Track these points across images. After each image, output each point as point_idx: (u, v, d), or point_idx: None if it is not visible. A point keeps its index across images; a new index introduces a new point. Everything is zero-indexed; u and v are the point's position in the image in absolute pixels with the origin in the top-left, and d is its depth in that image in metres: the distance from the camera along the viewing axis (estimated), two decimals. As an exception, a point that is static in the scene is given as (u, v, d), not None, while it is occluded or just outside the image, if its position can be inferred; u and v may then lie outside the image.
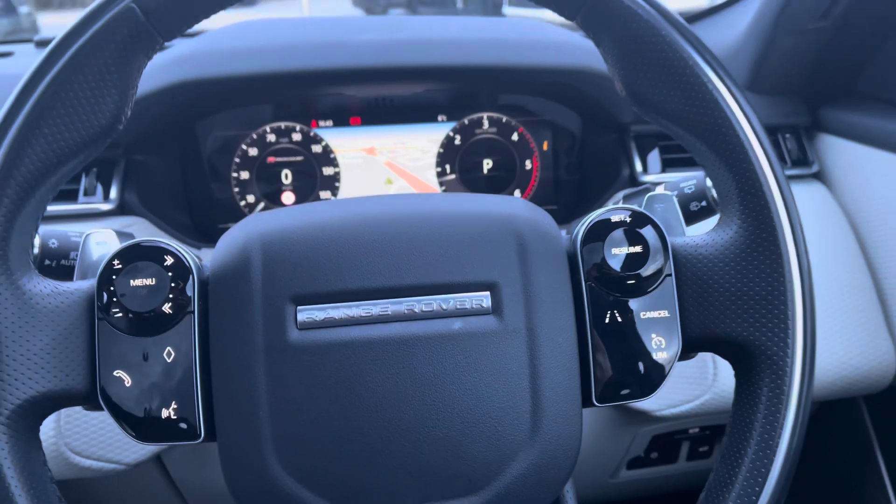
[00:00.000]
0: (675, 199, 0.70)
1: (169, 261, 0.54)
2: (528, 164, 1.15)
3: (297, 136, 1.10)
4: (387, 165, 1.12)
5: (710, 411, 0.94)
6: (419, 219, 0.55)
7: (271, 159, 1.09)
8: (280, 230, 0.54)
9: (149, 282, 0.53)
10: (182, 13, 0.55)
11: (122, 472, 0.86)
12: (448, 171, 1.13)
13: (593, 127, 1.13)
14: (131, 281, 0.53)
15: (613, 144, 1.10)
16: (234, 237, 0.56)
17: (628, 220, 0.57)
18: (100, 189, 0.99)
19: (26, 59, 1.27)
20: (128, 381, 0.53)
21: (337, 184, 1.11)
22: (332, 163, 1.11)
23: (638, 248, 0.55)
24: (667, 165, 1.07)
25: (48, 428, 0.84)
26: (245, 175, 1.10)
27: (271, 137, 1.10)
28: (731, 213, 0.55)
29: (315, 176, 1.11)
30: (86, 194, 0.99)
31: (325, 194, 1.13)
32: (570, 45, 1.01)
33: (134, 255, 0.53)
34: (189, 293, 0.53)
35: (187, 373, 0.52)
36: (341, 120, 1.10)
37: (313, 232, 0.54)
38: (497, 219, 0.55)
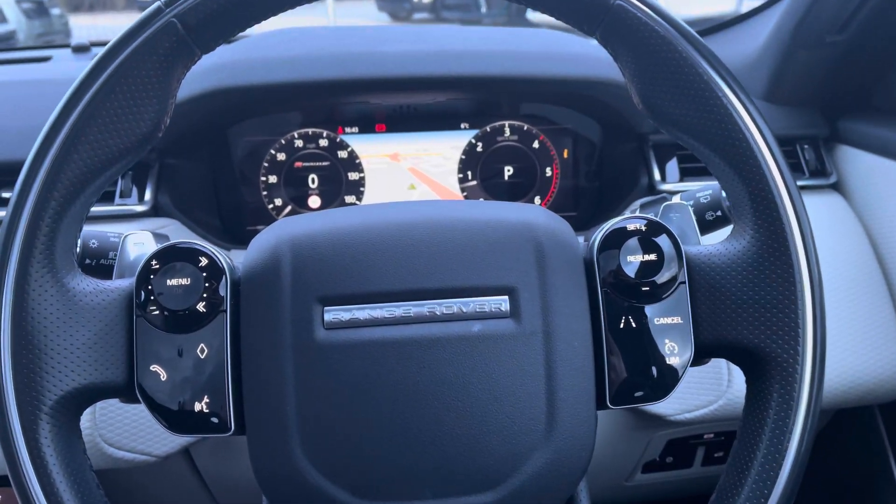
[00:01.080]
0: (691, 209, 0.72)
1: (203, 262, 0.57)
2: (549, 172, 1.17)
3: (323, 142, 1.12)
4: (410, 171, 1.14)
5: (725, 417, 0.95)
6: (441, 225, 0.56)
7: (298, 164, 1.11)
8: (309, 234, 0.56)
9: (184, 282, 0.56)
10: (220, 28, 0.57)
11: (152, 464, 0.90)
12: (470, 177, 1.14)
13: (613, 136, 1.14)
14: (168, 280, 0.55)
15: (632, 153, 1.11)
16: (266, 240, 0.57)
17: (644, 228, 0.58)
18: (135, 191, 1.03)
19: (65, 65, 1.31)
20: (163, 376, 0.55)
21: (362, 188, 1.13)
22: (358, 168, 1.13)
23: (653, 257, 0.57)
24: (685, 174, 1.08)
25: (84, 420, 0.88)
26: (273, 179, 1.13)
27: (299, 143, 1.11)
28: (744, 224, 0.56)
29: (341, 181, 1.12)
30: (122, 196, 1.02)
31: (350, 199, 1.16)
32: (590, 56, 1.03)
33: (171, 256, 0.56)
34: (222, 293, 0.55)
35: (219, 369, 0.54)
36: (367, 127, 1.11)
37: (340, 236, 0.55)
38: (516, 226, 0.57)
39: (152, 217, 1.03)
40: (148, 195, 1.03)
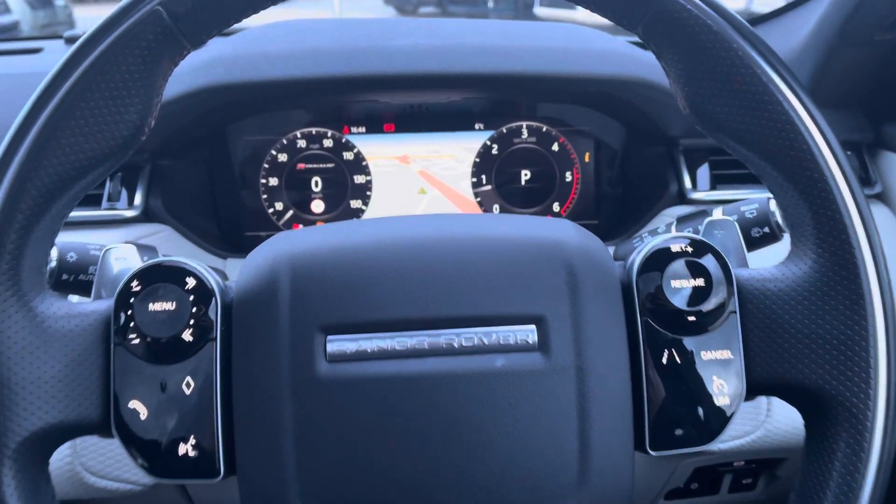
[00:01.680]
0: (737, 226, 0.65)
1: (191, 283, 0.51)
2: (569, 176, 1.10)
3: (328, 143, 1.06)
4: (420, 174, 1.08)
5: (761, 449, 0.88)
6: (460, 244, 0.52)
7: (301, 166, 1.06)
8: (311, 252, 0.51)
9: (168, 306, 0.50)
10: (211, 18, 0.51)
11: (139, 493, 0.83)
12: (484, 181, 1.08)
13: (639, 139, 1.07)
14: (150, 304, 0.50)
15: (660, 158, 1.04)
16: (262, 258, 0.53)
17: (689, 249, 0.53)
18: (124, 194, 0.96)
19: (56, 57, 1.24)
20: (143, 413, 0.50)
21: (368, 192, 1.08)
22: (364, 171, 1.07)
23: (699, 282, 0.52)
24: (717, 182, 1.01)
25: (63, 446, 0.81)
26: (274, 182, 1.07)
27: (302, 143, 1.06)
28: (805, 246, 0.51)
29: (346, 184, 1.07)
30: (109, 199, 0.95)
31: (355, 203, 1.10)
32: (616, 53, 0.95)
33: (153, 277, 0.51)
34: (211, 318, 0.50)
35: (207, 405, 0.50)
36: (374, 126, 1.06)
37: (346, 255, 0.51)
38: (545, 245, 0.52)
39: (143, 223, 0.96)
40: (138, 199, 0.96)
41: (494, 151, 1.07)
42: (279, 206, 1.09)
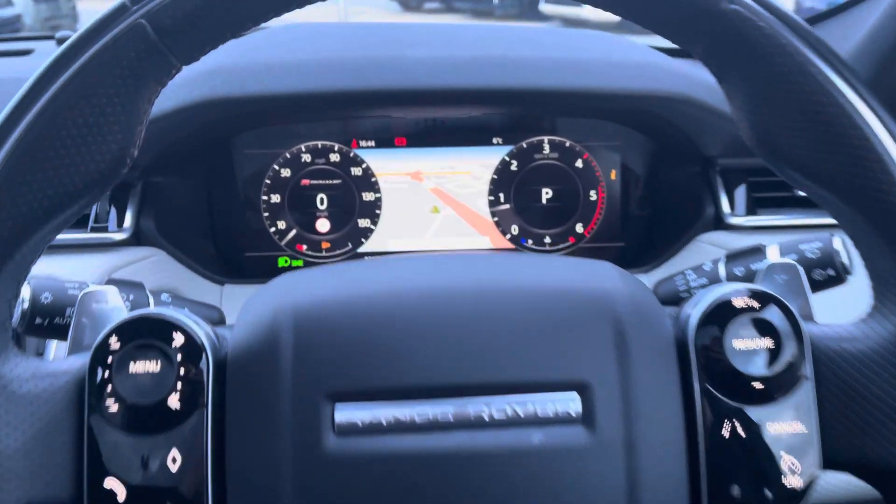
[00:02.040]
0: (803, 271, 0.57)
1: (178, 340, 0.45)
2: (593, 195, 1.03)
3: (334, 157, 1.00)
4: (433, 192, 1.03)
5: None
6: (490, 294, 0.47)
7: (305, 182, 1.00)
8: (317, 303, 0.46)
9: (152, 367, 0.45)
10: (206, 32, 0.45)
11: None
12: (502, 199, 1.02)
13: (671, 157, 1.00)
14: (130, 365, 0.45)
15: (695, 178, 0.97)
16: (260, 309, 0.48)
17: (754, 304, 0.47)
18: (113, 215, 0.89)
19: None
20: (121, 493, 0.43)
21: (378, 211, 1.02)
22: (373, 187, 1.01)
23: (767, 342, 0.46)
24: (758, 205, 0.93)
25: None
26: (276, 199, 1.01)
27: (306, 157, 1.00)
28: (891, 301, 0.45)
29: (354, 202, 1.01)
30: (97, 221, 0.88)
31: (363, 222, 1.03)
32: (653, 65, 0.88)
33: (135, 332, 0.45)
34: (202, 381, 0.45)
35: (197, 484, 0.44)
36: (384, 140, 1.01)
37: (359, 307, 0.46)
38: (588, 296, 0.47)
39: (133, 246, 0.89)
40: (128, 220, 0.88)
41: (514, 168, 1.01)
42: (282, 224, 1.02)
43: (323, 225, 1.02)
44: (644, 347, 0.45)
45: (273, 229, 1.02)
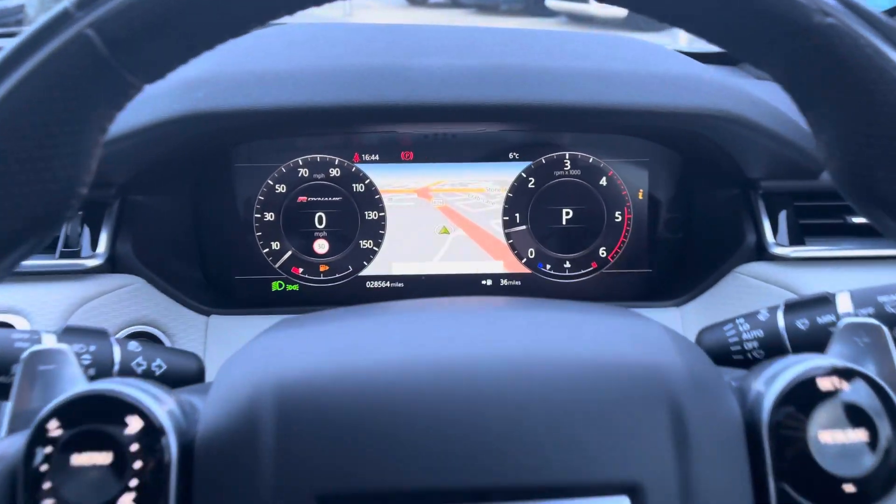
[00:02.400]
0: (888, 332, 0.48)
1: (134, 424, 0.37)
2: (619, 216, 0.94)
3: (335, 172, 0.93)
4: (442, 211, 0.96)
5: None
6: (519, 371, 0.39)
7: (302, 199, 0.93)
8: (307, 376, 0.39)
9: (100, 459, 0.37)
10: (169, 45, 0.37)
11: None
12: (518, 220, 0.95)
13: (708, 177, 0.91)
14: (73, 458, 0.36)
15: (734, 201, 0.88)
16: (237, 381, 0.40)
17: (842, 385, 0.39)
18: (86, 238, 0.80)
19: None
20: None
21: (381, 231, 0.95)
22: (377, 205, 0.94)
23: (861, 436, 0.38)
24: (805, 233, 0.84)
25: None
26: (270, 217, 0.93)
27: (304, 172, 0.93)
28: None
29: (355, 221, 0.94)
30: (67, 245, 0.79)
31: (365, 243, 0.95)
32: (692, 78, 0.78)
33: (80, 415, 0.37)
34: (163, 477, 0.37)
35: None
36: (390, 154, 0.93)
37: (359, 382, 0.38)
38: (638, 372, 0.39)
39: (107, 273, 0.80)
40: (103, 244, 0.80)
41: (531, 185, 0.94)
42: (276, 245, 0.94)
43: (321, 246, 0.94)
44: (707, 436, 0.38)
45: (266, 251, 0.94)
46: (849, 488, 0.37)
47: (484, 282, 0.96)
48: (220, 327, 0.83)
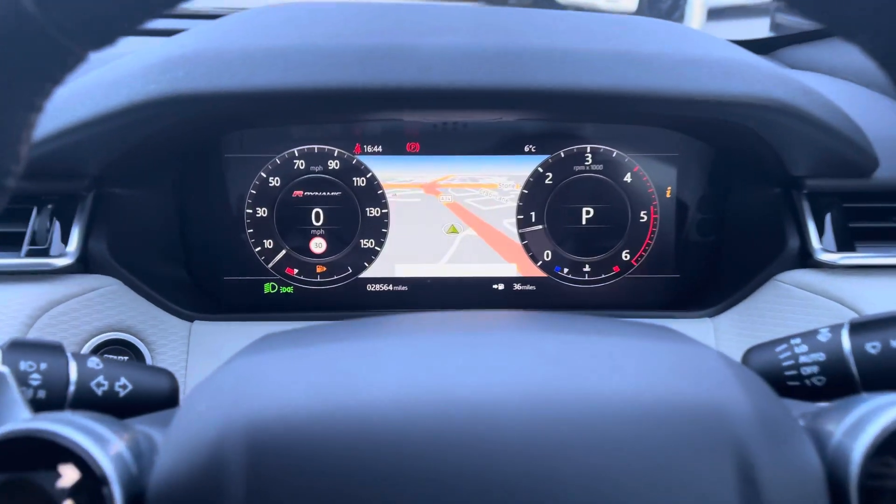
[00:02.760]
0: None
1: (68, 475, 0.31)
2: (644, 216, 0.86)
3: (333, 164, 0.86)
4: (450, 208, 0.88)
5: None
6: (547, 413, 0.32)
7: (298, 193, 0.86)
8: (284, 418, 0.32)
9: None
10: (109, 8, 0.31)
11: None
12: (533, 219, 0.88)
13: (745, 173, 0.82)
14: None
15: (775, 201, 0.79)
16: (200, 423, 0.34)
17: None
18: (56, 235, 0.72)
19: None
20: None
21: (384, 230, 0.88)
22: (379, 201, 0.87)
23: None
24: (855, 238, 0.75)
25: None
26: (262, 213, 0.86)
27: (300, 164, 0.86)
28: None
29: (356, 218, 0.87)
30: (34, 243, 0.71)
31: (366, 242, 0.88)
32: (740, 63, 0.69)
33: (7, 459, 0.31)
34: None
35: None
36: (394, 146, 0.86)
37: (347, 428, 0.32)
38: (697, 413, 0.33)
39: (79, 274, 0.72)
40: (74, 242, 0.72)
41: (548, 181, 0.87)
42: (269, 244, 0.86)
43: (318, 245, 0.87)
44: (781, 492, 0.32)
45: (258, 249, 0.87)
46: None
47: (495, 286, 0.88)
48: (204, 334, 0.75)
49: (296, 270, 0.87)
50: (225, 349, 0.76)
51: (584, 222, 0.87)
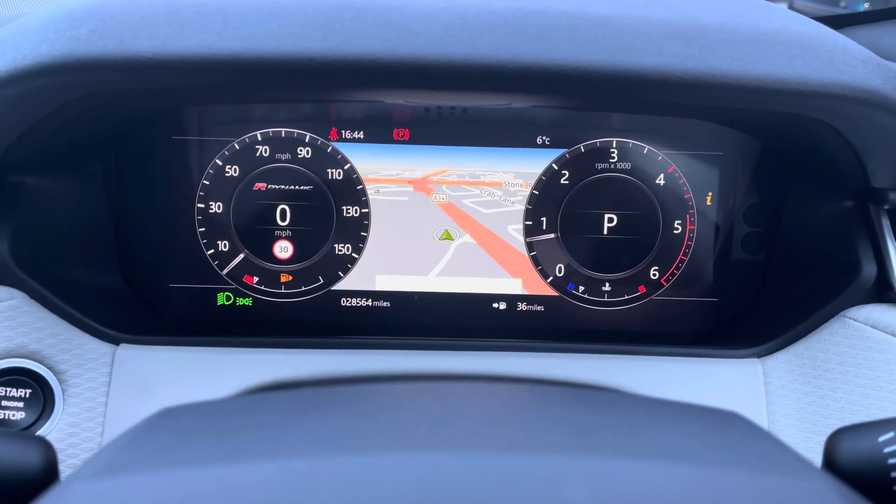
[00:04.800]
0: None
1: None
2: (678, 226, 0.74)
3: (304, 152, 0.73)
4: (444, 210, 0.75)
5: None
6: None
7: (260, 186, 0.74)
8: None
9: None
10: None
11: None
12: (544, 226, 0.75)
13: (807, 180, 0.68)
14: None
15: (845, 216, 0.66)
16: None
17: None
18: None
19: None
20: None
21: (363, 233, 0.75)
22: (358, 198, 0.74)
23: None
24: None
25: None
26: (216, 208, 0.74)
27: (262, 150, 0.73)
28: None
29: (330, 217, 0.74)
30: None
31: (342, 248, 0.75)
32: (823, 41, 0.53)
33: None
34: None
35: None
36: (378, 132, 0.74)
37: None
38: None
39: None
40: (-34, 244, 0.57)
41: (564, 181, 0.74)
42: (224, 246, 0.74)
43: (283, 249, 0.75)
44: None
45: (211, 252, 0.75)
46: None
47: (496, 305, 0.74)
48: (131, 362, 0.61)
49: (255, 279, 0.73)
50: (157, 381, 0.62)
51: (605, 232, 0.75)
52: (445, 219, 0.74)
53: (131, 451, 0.28)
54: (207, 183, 0.72)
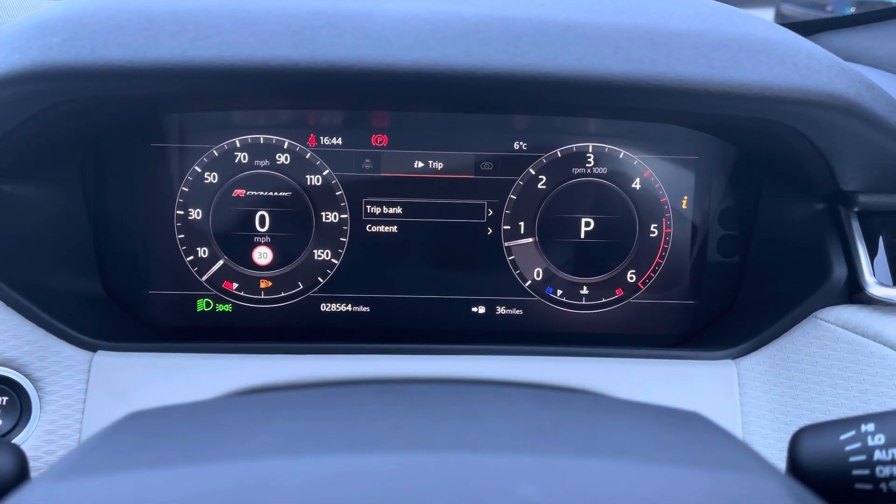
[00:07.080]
0: None
1: None
2: (654, 230, 0.74)
3: (282, 158, 0.73)
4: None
5: None
6: None
7: (239, 192, 0.74)
8: None
9: None
10: None
11: None
12: (522, 230, 0.75)
13: (779, 183, 0.68)
14: None
15: (816, 219, 0.66)
16: None
17: None
18: None
19: None
20: None
21: (342, 238, 0.75)
22: (337, 204, 0.74)
23: None
24: (917, 268, 0.61)
25: None
26: (196, 214, 0.74)
27: (241, 157, 0.73)
28: None
29: (308, 224, 0.74)
30: None
31: (321, 254, 0.75)
32: (793, 48, 0.54)
33: None
34: None
35: None
36: (356, 138, 0.73)
37: None
38: None
39: None
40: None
41: (541, 185, 0.75)
42: (203, 252, 0.74)
43: (262, 255, 0.75)
44: None
45: (191, 259, 0.74)
46: None
47: (475, 309, 0.74)
48: (109, 369, 0.60)
49: (235, 285, 0.73)
50: (135, 388, 0.62)
51: (582, 236, 0.75)
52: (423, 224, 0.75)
53: (96, 454, 0.29)
54: (187, 190, 0.72)
